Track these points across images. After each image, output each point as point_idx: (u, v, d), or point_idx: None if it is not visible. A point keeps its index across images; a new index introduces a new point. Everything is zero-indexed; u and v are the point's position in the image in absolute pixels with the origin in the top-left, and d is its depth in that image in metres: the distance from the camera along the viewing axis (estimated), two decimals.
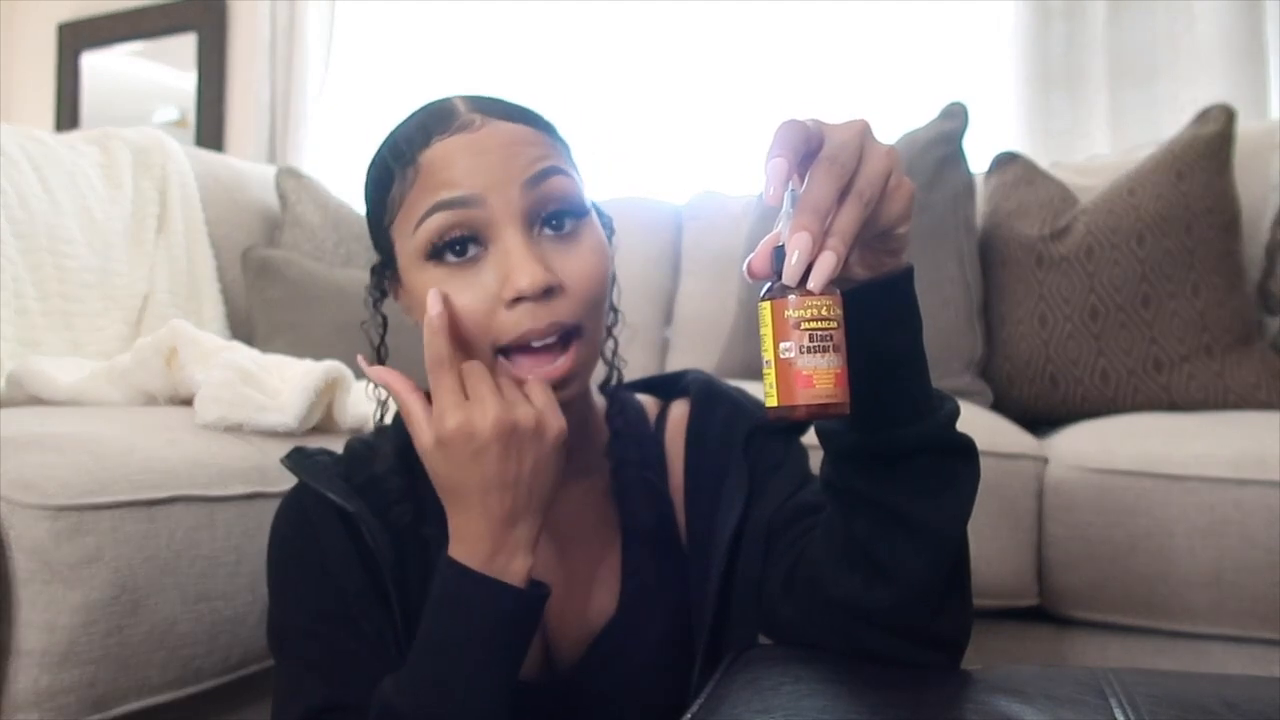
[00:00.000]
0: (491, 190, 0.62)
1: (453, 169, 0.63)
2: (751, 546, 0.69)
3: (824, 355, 0.48)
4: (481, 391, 0.60)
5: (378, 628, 0.68)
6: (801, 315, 0.48)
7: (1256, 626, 1.07)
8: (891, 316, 0.56)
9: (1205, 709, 0.50)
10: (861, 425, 0.57)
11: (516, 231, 0.62)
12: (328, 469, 0.72)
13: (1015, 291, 1.47)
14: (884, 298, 0.55)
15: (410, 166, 0.64)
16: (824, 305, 0.48)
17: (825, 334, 0.48)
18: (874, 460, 0.57)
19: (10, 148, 1.47)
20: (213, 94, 3.03)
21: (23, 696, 0.75)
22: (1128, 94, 1.98)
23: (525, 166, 0.63)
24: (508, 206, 0.62)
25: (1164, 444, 1.12)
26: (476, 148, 0.63)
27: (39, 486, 0.77)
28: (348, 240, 1.84)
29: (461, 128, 0.64)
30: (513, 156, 0.63)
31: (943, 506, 0.57)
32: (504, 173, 0.62)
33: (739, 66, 2.33)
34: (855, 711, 0.51)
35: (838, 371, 0.48)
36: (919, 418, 0.56)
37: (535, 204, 0.63)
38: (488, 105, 0.66)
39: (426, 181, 0.63)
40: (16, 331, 1.36)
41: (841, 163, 0.49)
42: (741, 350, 1.64)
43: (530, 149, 0.64)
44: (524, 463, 0.60)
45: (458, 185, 0.62)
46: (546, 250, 0.63)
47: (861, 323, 0.52)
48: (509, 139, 0.64)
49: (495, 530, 0.60)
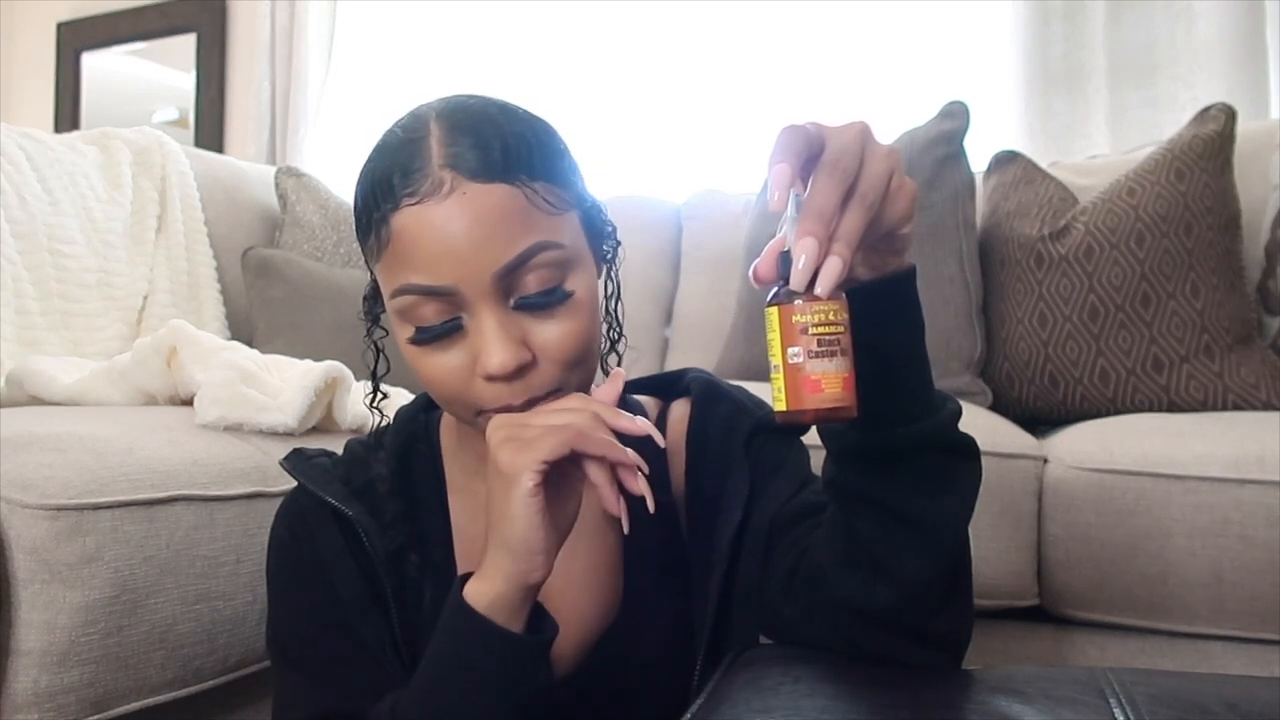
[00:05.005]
0: (463, 280, 0.59)
1: (418, 250, 0.59)
2: (753, 546, 0.69)
3: (832, 360, 0.48)
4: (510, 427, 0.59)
5: (375, 632, 0.68)
6: (809, 320, 0.48)
7: (1256, 626, 1.07)
8: (894, 316, 0.56)
9: (1205, 709, 0.50)
10: (863, 424, 0.56)
11: (490, 311, 0.59)
12: (326, 472, 0.72)
13: (1015, 291, 1.47)
14: (886, 298, 0.55)
15: (384, 226, 0.60)
16: (831, 310, 0.48)
17: (833, 338, 0.48)
18: (875, 459, 0.57)
19: (10, 148, 1.47)
20: (213, 94, 3.03)
21: (23, 696, 0.75)
22: (1128, 94, 1.98)
23: (499, 252, 0.59)
24: (479, 291, 0.59)
25: (1164, 444, 1.12)
26: (445, 228, 0.58)
27: (39, 486, 0.77)
28: (348, 240, 1.84)
29: (430, 193, 0.59)
30: (485, 240, 0.58)
31: (944, 506, 0.57)
32: (477, 261, 0.58)
33: (739, 66, 2.33)
34: (855, 711, 0.51)
35: (845, 376, 0.48)
36: (920, 417, 0.56)
37: (511, 283, 0.60)
38: (461, 154, 0.59)
39: (397, 252, 0.60)
40: (16, 331, 1.36)
41: (844, 167, 0.49)
42: (741, 350, 1.64)
43: (506, 224, 0.59)
44: (494, 503, 0.58)
45: (428, 272, 0.59)
46: (524, 320, 0.61)
47: (864, 323, 0.53)
48: (481, 213, 0.58)
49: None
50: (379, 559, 0.68)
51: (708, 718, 0.53)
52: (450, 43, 2.61)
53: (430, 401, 0.80)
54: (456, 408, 0.64)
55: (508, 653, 0.58)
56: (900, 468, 0.57)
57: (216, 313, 1.72)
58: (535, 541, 0.57)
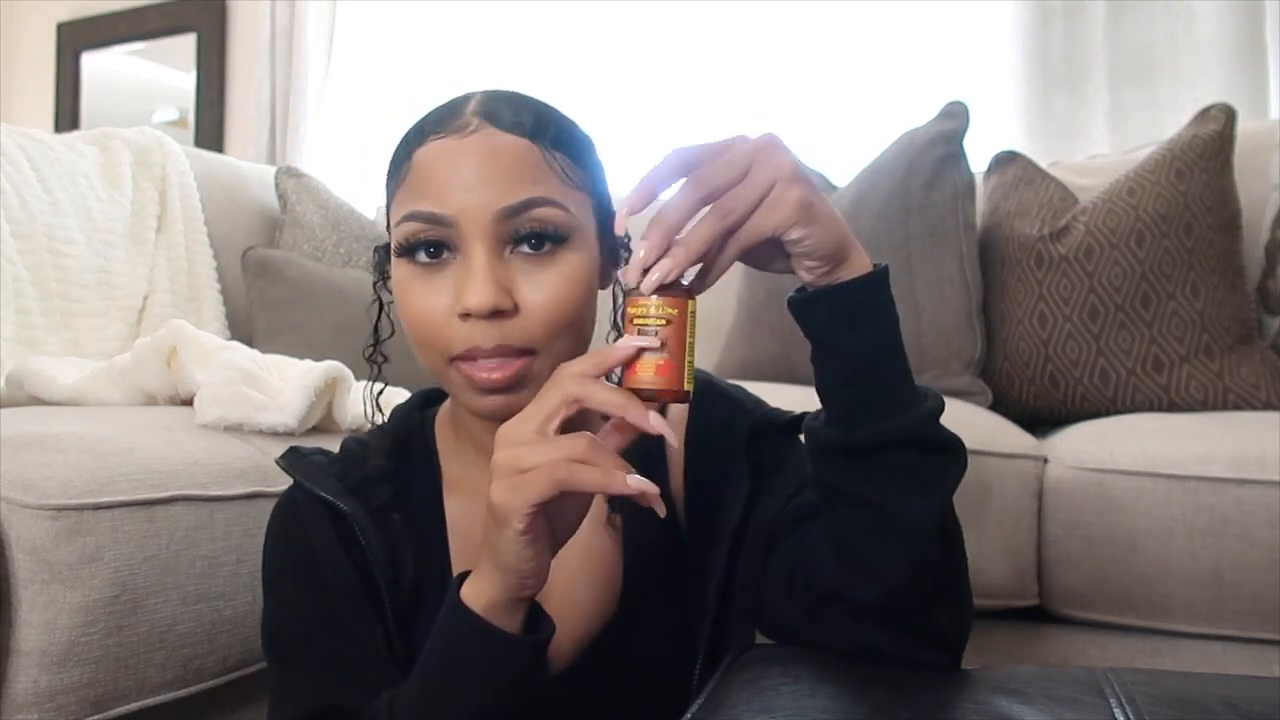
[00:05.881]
0: (463, 213, 0.61)
1: (432, 179, 0.63)
2: (753, 546, 0.69)
3: (650, 351, 0.55)
4: (522, 449, 0.55)
5: (370, 628, 0.68)
6: (635, 312, 0.55)
7: (1256, 626, 1.07)
8: (852, 319, 0.57)
9: (1205, 709, 0.50)
10: (835, 421, 0.59)
11: (483, 250, 0.61)
12: (322, 469, 0.72)
13: (1015, 291, 1.47)
14: (842, 302, 0.57)
15: (406, 162, 0.65)
16: (653, 305, 0.55)
17: (650, 330, 0.55)
18: (847, 456, 0.58)
19: (10, 148, 1.47)
20: (212, 94, 3.03)
21: (22, 696, 0.75)
22: (1128, 94, 1.98)
23: (504, 194, 0.62)
24: (477, 228, 0.62)
25: (1164, 444, 1.12)
26: (458, 159, 0.62)
27: (39, 486, 0.77)
28: (348, 240, 1.84)
29: (455, 130, 0.63)
30: (494, 176, 0.62)
31: (915, 501, 0.58)
32: (481, 195, 0.61)
33: (739, 66, 2.33)
34: (855, 711, 0.51)
35: (660, 363, 0.55)
36: (890, 414, 0.57)
37: (509, 230, 0.62)
38: (496, 109, 0.64)
39: (412, 182, 0.64)
40: (16, 331, 1.36)
41: (707, 179, 0.53)
42: (741, 350, 1.64)
43: (515, 170, 0.62)
44: (488, 530, 0.57)
45: (434, 199, 0.62)
46: (515, 270, 0.63)
47: (824, 326, 0.57)
48: (495, 153, 0.62)
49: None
50: (374, 555, 0.68)
51: (708, 718, 0.53)
52: (450, 43, 2.62)
53: (426, 399, 0.80)
54: (430, 354, 0.65)
55: (504, 653, 0.58)
56: (873, 464, 0.58)
57: (216, 313, 1.72)
58: (528, 570, 0.56)
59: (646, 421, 0.54)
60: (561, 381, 0.55)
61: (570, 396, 0.55)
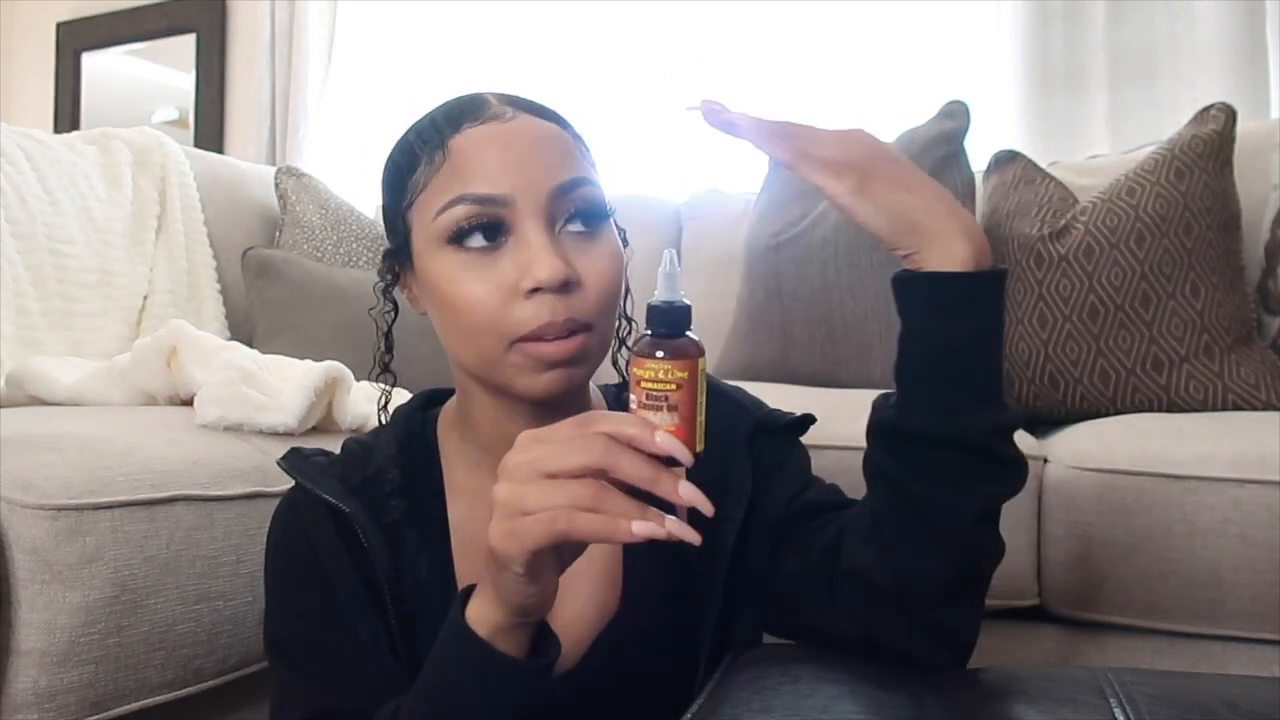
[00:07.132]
0: (520, 191, 0.63)
1: (482, 162, 0.63)
2: (757, 544, 0.69)
3: (657, 414, 0.52)
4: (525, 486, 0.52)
5: (372, 630, 0.68)
6: (642, 374, 0.52)
7: (1256, 626, 1.07)
8: (932, 307, 0.58)
9: (1205, 709, 0.50)
10: (902, 406, 0.59)
11: (540, 227, 0.63)
12: (324, 470, 0.72)
13: (1015, 291, 1.47)
14: (913, 287, 0.58)
15: (439, 150, 0.65)
16: (663, 369, 0.52)
17: (660, 394, 0.52)
18: (900, 440, 0.59)
19: (10, 148, 1.47)
20: (212, 94, 3.03)
21: (22, 696, 0.75)
22: (1128, 94, 1.98)
23: (554, 172, 0.64)
24: (533, 207, 0.63)
25: (1164, 444, 1.12)
26: (507, 141, 0.64)
27: (39, 486, 0.77)
28: (348, 240, 1.84)
29: (493, 118, 0.65)
30: (542, 157, 0.64)
31: (955, 502, 0.58)
32: (534, 174, 0.63)
33: (739, 65, 2.33)
34: (855, 711, 0.51)
35: (671, 428, 0.52)
36: (957, 413, 0.57)
37: (560, 208, 0.64)
38: (518, 100, 0.68)
39: (454, 168, 0.64)
40: (16, 331, 1.36)
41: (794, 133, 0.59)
42: (741, 350, 1.64)
43: (559, 152, 0.65)
44: (488, 564, 0.55)
45: (486, 181, 0.63)
46: (567, 247, 0.64)
47: (899, 302, 0.59)
48: (539, 135, 0.65)
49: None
50: (376, 557, 0.68)
51: (708, 718, 0.53)
52: (450, 43, 2.61)
53: (428, 399, 0.80)
54: (488, 339, 0.63)
55: (508, 680, 0.57)
56: (923, 455, 0.58)
57: (216, 313, 1.72)
58: (531, 605, 0.55)
59: (678, 495, 0.51)
60: (590, 442, 0.51)
61: (596, 465, 0.50)
